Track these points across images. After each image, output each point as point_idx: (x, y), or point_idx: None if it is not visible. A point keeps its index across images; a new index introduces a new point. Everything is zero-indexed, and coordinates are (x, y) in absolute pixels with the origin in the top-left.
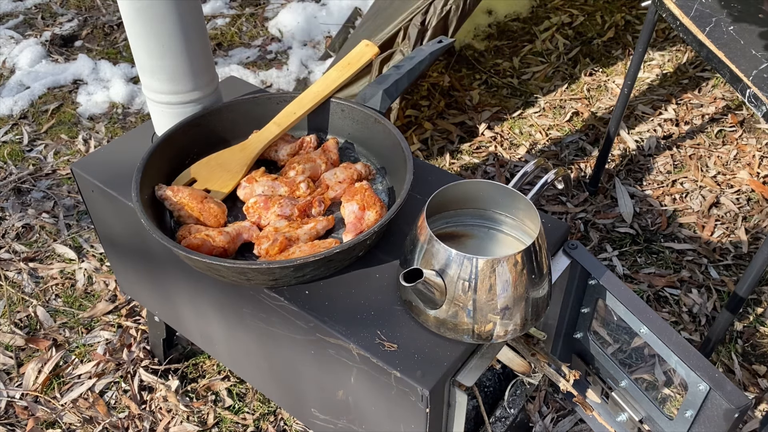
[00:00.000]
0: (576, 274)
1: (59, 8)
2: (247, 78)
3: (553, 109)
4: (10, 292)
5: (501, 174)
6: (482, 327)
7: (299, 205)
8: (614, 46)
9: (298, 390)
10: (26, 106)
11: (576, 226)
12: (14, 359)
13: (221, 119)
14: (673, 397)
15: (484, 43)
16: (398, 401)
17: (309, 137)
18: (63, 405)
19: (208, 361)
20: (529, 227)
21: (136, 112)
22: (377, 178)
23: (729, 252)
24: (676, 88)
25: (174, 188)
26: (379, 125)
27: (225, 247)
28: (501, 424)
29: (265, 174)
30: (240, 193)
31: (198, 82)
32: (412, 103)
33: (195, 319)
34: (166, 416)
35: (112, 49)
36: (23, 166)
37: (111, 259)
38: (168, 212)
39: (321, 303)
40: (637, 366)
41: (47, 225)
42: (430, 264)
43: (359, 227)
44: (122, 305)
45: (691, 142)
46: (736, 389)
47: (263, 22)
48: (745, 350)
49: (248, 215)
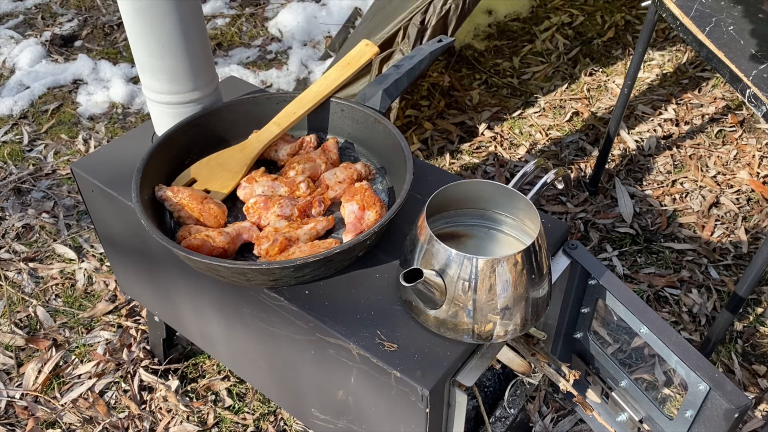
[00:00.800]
0: (576, 274)
1: (59, 8)
2: (247, 78)
3: (553, 109)
4: (10, 292)
5: (501, 174)
6: (482, 327)
7: (299, 206)
8: (614, 46)
9: (298, 390)
10: (26, 106)
11: (576, 226)
12: (14, 359)
13: (221, 119)
14: (673, 397)
15: (484, 43)
16: (398, 401)
17: (309, 137)
18: (63, 405)
19: (208, 361)
20: (529, 227)
21: (136, 112)
22: (377, 178)
23: (729, 252)
24: (676, 88)
25: (174, 189)
26: (379, 125)
27: (225, 248)
28: (501, 424)
29: (265, 174)
30: (240, 193)
31: (198, 82)
32: (412, 103)
33: (195, 319)
34: (166, 416)
35: (112, 49)
36: (23, 166)
37: (111, 259)
38: (168, 212)
39: (321, 303)
40: (637, 366)
41: (47, 225)
42: (430, 264)
43: (359, 227)
44: (122, 305)
45: (691, 142)
46: (736, 389)
47: (263, 22)
48: (745, 350)
49: (248, 215)
